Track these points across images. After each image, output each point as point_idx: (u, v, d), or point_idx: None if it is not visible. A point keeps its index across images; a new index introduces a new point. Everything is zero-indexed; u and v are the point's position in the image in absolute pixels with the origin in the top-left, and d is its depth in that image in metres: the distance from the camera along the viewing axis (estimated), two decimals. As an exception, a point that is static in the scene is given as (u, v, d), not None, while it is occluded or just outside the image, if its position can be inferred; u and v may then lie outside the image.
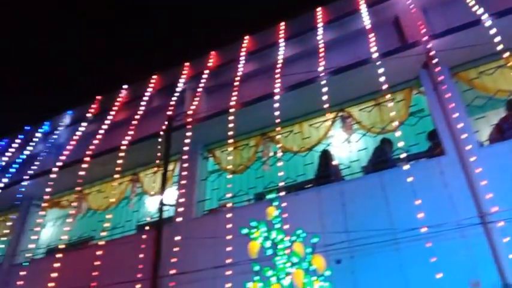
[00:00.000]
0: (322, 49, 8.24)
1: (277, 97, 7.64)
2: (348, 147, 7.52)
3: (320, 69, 7.63)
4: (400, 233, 5.55)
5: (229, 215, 7.04)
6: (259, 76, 8.81)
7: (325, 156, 7.39)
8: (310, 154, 7.73)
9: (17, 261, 9.28)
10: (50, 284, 7.87)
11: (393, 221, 5.84)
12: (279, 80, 8.09)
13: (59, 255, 8.36)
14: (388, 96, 6.90)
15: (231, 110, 7.98)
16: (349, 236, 5.86)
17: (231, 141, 7.90)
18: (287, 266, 4.04)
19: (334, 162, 7.24)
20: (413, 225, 5.53)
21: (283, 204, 5.21)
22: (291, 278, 4.02)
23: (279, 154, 7.46)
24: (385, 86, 6.85)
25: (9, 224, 9.95)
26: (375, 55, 7.05)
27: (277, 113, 7.53)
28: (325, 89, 7.29)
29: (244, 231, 4.34)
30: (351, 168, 7.20)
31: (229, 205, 7.45)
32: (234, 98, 8.41)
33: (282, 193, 6.57)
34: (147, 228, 7.88)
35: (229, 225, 6.80)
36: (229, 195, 7.55)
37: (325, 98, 7.22)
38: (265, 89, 8.09)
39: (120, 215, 8.99)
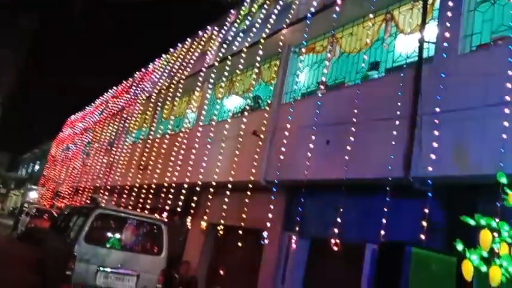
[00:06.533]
0: None
1: None
2: None
3: None
4: None
5: (507, 48, 6.01)
6: None
7: None
8: None
9: (283, 101, 10.76)
10: (315, 119, 8.87)
11: None
12: None
13: (318, 95, 9.21)
14: None
15: None
16: None
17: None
18: None
19: None
20: None
21: None
22: None
23: None
24: None
25: (275, 69, 11.38)
26: None
27: None
28: None
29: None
30: None
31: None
32: None
33: None
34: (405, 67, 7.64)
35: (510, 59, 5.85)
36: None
37: None
38: None
39: (373, 56, 8.96)
